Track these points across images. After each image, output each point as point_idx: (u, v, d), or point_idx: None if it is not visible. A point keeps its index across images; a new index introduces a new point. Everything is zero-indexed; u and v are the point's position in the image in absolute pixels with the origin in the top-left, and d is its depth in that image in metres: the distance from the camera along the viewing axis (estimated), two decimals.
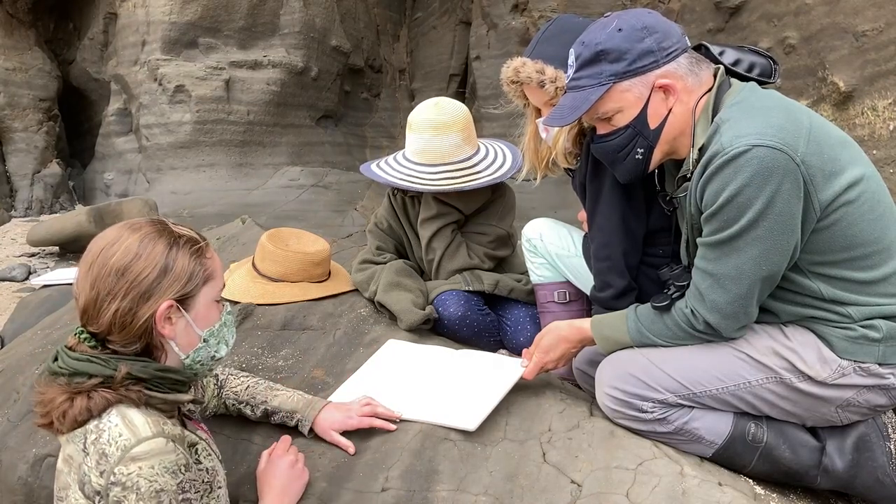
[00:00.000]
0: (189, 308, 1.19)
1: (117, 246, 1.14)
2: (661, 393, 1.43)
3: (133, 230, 1.16)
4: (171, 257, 1.15)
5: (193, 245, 1.19)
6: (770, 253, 1.28)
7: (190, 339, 1.21)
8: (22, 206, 11.54)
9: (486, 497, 1.35)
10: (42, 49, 12.34)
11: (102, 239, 1.17)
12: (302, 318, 2.12)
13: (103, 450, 1.06)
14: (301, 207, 8.75)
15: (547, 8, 9.32)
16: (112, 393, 1.10)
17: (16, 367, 2.03)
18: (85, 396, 1.09)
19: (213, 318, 1.24)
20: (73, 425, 1.09)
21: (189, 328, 1.20)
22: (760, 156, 1.23)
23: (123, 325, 1.12)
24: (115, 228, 1.18)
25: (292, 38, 10.90)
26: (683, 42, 1.40)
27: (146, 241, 1.15)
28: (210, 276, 1.21)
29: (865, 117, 5.23)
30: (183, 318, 1.18)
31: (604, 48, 1.37)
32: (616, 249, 1.71)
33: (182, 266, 1.16)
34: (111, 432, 1.07)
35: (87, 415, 1.09)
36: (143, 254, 1.13)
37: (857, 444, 1.42)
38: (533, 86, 1.73)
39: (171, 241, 1.17)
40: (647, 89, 1.38)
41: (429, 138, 2.06)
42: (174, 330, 1.18)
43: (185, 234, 1.20)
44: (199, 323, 1.21)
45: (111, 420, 1.08)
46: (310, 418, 1.52)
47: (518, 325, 2.14)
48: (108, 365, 1.11)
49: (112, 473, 1.05)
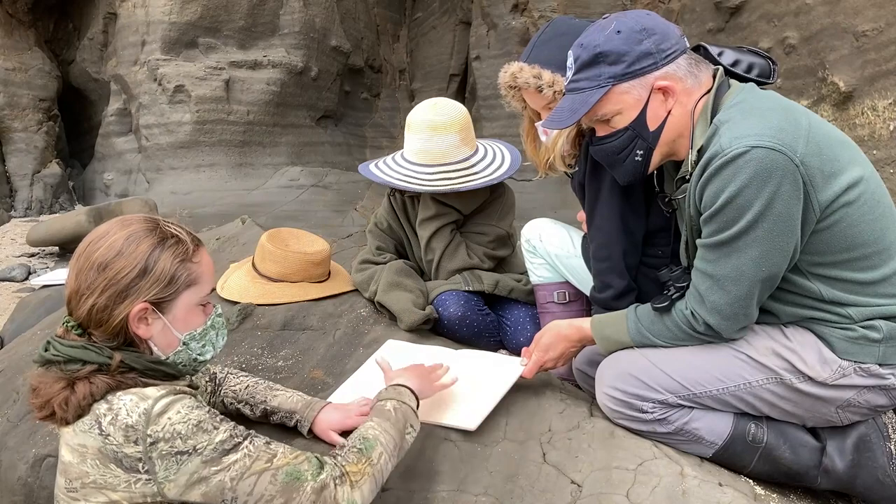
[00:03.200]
0: (166, 311, 1.17)
1: (104, 241, 1.14)
2: (661, 393, 1.43)
3: (123, 227, 1.16)
4: (152, 258, 1.14)
5: (180, 248, 1.18)
6: (770, 254, 1.28)
7: (168, 340, 1.20)
8: (22, 207, 11.53)
9: (486, 497, 1.35)
10: (42, 49, 12.34)
11: (94, 233, 1.17)
12: (302, 318, 2.12)
13: (126, 423, 1.07)
14: (301, 207, 8.74)
15: (547, 8, 9.32)
16: (111, 378, 1.11)
17: (16, 367, 2.03)
18: (86, 382, 1.10)
19: (194, 322, 1.22)
20: (77, 412, 1.10)
21: (167, 330, 1.18)
22: (759, 157, 1.22)
23: (100, 321, 1.12)
24: (109, 223, 1.18)
25: (292, 38, 10.90)
26: (682, 43, 1.40)
27: (131, 240, 1.14)
28: (194, 281, 1.19)
29: (865, 117, 5.23)
30: (160, 320, 1.17)
31: (602, 50, 1.37)
32: (615, 250, 1.71)
33: (163, 268, 1.15)
34: (127, 407, 1.08)
35: (91, 399, 1.09)
36: (125, 252, 1.13)
37: (858, 444, 1.42)
38: (531, 90, 1.73)
39: (158, 241, 1.16)
40: (645, 91, 1.38)
41: (427, 139, 2.06)
42: (150, 331, 1.17)
43: (176, 234, 1.19)
44: (177, 325, 1.19)
45: (122, 398, 1.10)
46: (309, 419, 1.52)
47: (518, 325, 2.14)
48: (103, 353, 1.12)
49: (147, 436, 1.06)
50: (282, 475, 1.12)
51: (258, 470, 1.11)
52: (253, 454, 1.12)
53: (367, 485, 1.19)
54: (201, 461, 1.08)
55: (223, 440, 1.10)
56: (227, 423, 1.13)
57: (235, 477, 1.10)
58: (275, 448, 1.15)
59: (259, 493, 1.11)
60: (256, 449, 1.13)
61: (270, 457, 1.13)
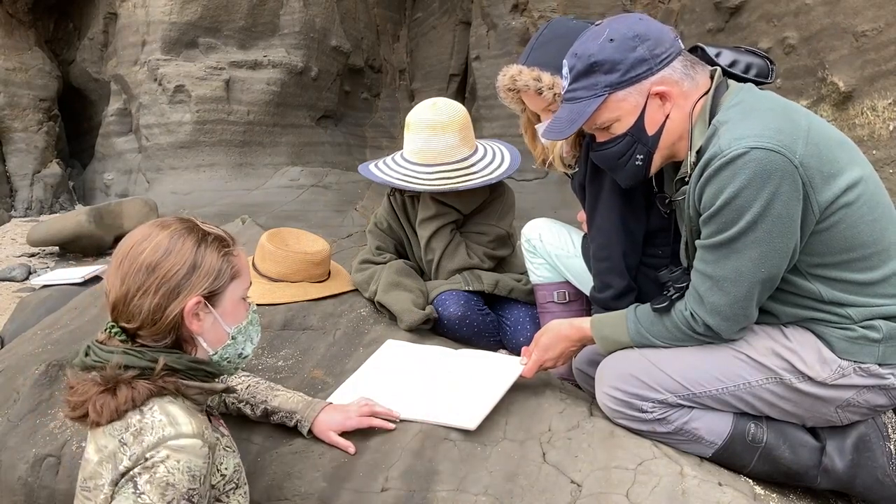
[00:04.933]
0: (217, 304, 1.21)
1: (147, 243, 1.16)
2: (660, 393, 1.43)
3: (163, 227, 1.19)
4: (199, 254, 1.18)
5: (221, 243, 1.22)
6: (769, 255, 1.28)
7: (218, 335, 1.23)
8: (22, 206, 11.53)
9: (486, 497, 1.35)
10: (42, 49, 12.33)
11: (132, 237, 1.19)
12: (302, 318, 2.12)
13: (143, 440, 1.08)
14: (301, 207, 8.74)
15: (547, 8, 9.31)
16: (152, 384, 1.12)
17: (16, 367, 2.03)
18: (128, 387, 1.10)
19: (240, 315, 1.26)
20: (112, 416, 1.10)
21: (217, 324, 1.22)
22: (758, 158, 1.22)
23: (154, 320, 1.14)
24: (146, 226, 1.21)
25: (292, 39, 10.89)
26: (677, 46, 1.39)
27: (176, 238, 1.17)
28: (237, 274, 1.24)
29: (865, 117, 5.23)
30: (211, 315, 1.21)
31: (597, 60, 1.37)
32: (615, 250, 1.71)
33: (210, 263, 1.18)
34: (155, 426, 1.09)
35: (132, 405, 1.10)
36: (173, 250, 1.16)
37: (857, 444, 1.42)
38: (530, 93, 1.73)
39: (200, 238, 1.19)
40: (642, 97, 1.38)
41: (426, 138, 2.06)
42: (202, 326, 1.20)
43: (213, 232, 1.23)
44: (226, 319, 1.23)
45: (154, 416, 1.10)
46: (309, 419, 1.52)
47: (518, 325, 2.14)
48: (144, 356, 1.13)
49: (145, 457, 1.07)
50: None
51: None
52: None
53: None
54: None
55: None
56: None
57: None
58: None
59: None
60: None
61: None
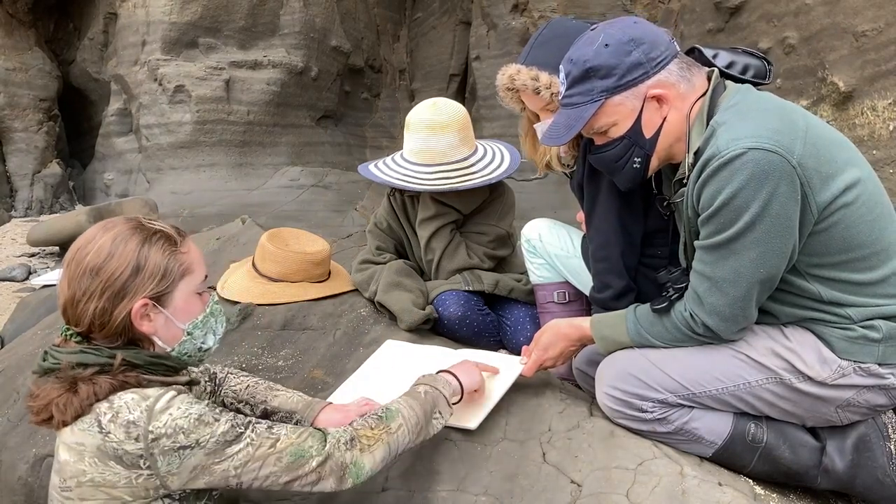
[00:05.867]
0: (167, 303, 1.20)
1: (91, 246, 1.16)
2: (660, 393, 1.43)
3: (107, 230, 1.18)
4: (142, 255, 1.16)
5: (168, 241, 1.20)
6: (767, 255, 1.28)
7: (172, 332, 1.22)
8: (22, 206, 11.54)
9: (486, 497, 1.35)
10: (42, 49, 12.34)
11: (80, 240, 1.18)
12: (302, 318, 2.12)
13: (127, 419, 1.09)
14: (301, 207, 8.75)
15: (547, 8, 9.32)
16: (113, 378, 1.12)
17: (16, 367, 2.03)
18: (89, 383, 1.11)
19: (194, 310, 1.24)
20: (77, 413, 1.11)
21: (170, 322, 1.20)
22: (756, 158, 1.22)
23: (102, 323, 1.14)
24: (93, 229, 1.20)
25: (292, 39, 10.90)
26: (672, 48, 1.39)
27: (118, 241, 1.16)
28: (187, 270, 1.21)
29: (865, 117, 5.23)
30: (161, 314, 1.19)
31: (592, 65, 1.37)
32: (614, 250, 1.71)
33: (155, 263, 1.17)
34: (129, 405, 1.10)
35: (94, 399, 1.10)
36: (115, 253, 1.15)
37: (857, 444, 1.42)
38: (529, 92, 1.74)
39: (144, 238, 1.18)
40: (639, 101, 1.38)
41: (425, 138, 2.06)
42: (154, 326, 1.19)
43: (160, 229, 1.21)
44: (179, 317, 1.22)
45: (122, 397, 1.11)
46: (309, 419, 1.52)
47: (518, 325, 2.14)
48: (102, 353, 1.13)
49: (149, 433, 1.08)
50: (286, 456, 1.15)
51: (262, 455, 1.14)
52: (255, 442, 1.14)
53: (380, 451, 1.23)
54: (204, 454, 1.10)
55: (225, 431, 1.12)
56: (227, 415, 1.15)
57: (239, 465, 1.13)
58: (277, 431, 1.17)
59: (264, 475, 1.14)
60: (259, 436, 1.15)
61: (273, 441, 1.16)
